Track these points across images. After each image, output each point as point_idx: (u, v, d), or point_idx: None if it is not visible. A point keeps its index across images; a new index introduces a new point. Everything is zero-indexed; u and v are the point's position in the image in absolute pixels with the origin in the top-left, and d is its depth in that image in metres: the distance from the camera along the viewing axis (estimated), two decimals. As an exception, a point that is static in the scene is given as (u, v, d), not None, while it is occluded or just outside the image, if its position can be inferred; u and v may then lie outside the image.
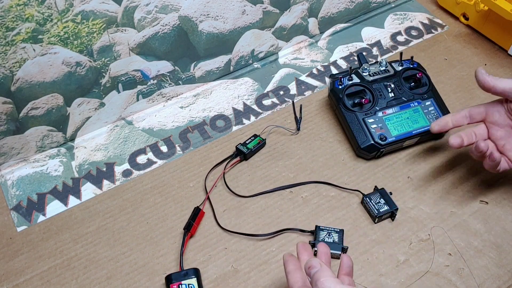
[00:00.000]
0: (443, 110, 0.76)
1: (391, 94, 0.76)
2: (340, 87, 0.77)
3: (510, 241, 0.66)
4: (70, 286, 0.64)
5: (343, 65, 0.90)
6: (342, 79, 0.78)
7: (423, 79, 0.78)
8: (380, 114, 0.75)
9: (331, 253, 0.64)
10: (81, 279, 0.64)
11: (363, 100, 0.75)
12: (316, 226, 0.66)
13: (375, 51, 0.92)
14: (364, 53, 0.85)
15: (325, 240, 0.65)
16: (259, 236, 0.67)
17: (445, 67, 0.88)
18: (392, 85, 0.77)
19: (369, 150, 0.73)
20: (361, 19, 0.98)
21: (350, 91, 0.77)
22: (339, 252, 0.64)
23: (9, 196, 0.74)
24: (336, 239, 0.65)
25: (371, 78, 0.78)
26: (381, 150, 0.73)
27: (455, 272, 0.63)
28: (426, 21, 0.97)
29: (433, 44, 0.92)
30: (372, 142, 0.73)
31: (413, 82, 0.78)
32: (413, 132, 0.74)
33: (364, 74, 0.78)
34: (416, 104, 0.76)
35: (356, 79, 0.78)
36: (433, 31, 0.95)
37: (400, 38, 0.94)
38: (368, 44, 0.93)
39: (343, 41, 0.94)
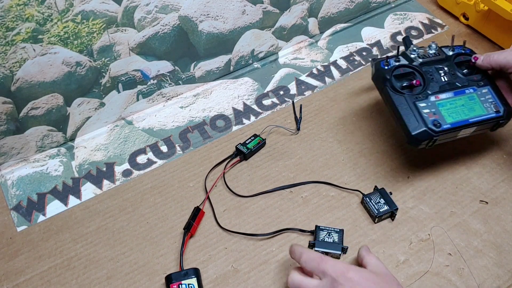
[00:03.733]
0: (502, 99, 0.69)
1: (444, 78, 0.69)
2: (386, 67, 0.70)
3: (510, 241, 0.66)
4: (70, 286, 0.64)
5: (343, 65, 0.90)
6: (389, 59, 0.71)
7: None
8: (432, 98, 0.67)
9: (331, 253, 0.64)
10: (81, 279, 0.64)
11: (414, 81, 0.67)
12: (316, 226, 0.66)
13: (375, 51, 0.92)
14: (408, 36, 0.77)
15: (325, 240, 0.65)
16: (259, 235, 0.67)
17: (445, 67, 0.88)
18: (446, 69, 0.70)
19: (421, 137, 0.65)
20: (361, 19, 0.98)
21: (398, 73, 0.69)
22: (339, 252, 0.64)
23: (9, 196, 0.74)
24: (336, 239, 0.65)
25: (420, 60, 0.70)
26: (434, 138, 0.65)
27: (455, 272, 0.63)
28: (426, 21, 0.97)
29: (433, 44, 0.92)
30: (425, 128, 0.64)
31: (466, 69, 0.71)
32: (470, 120, 0.66)
33: (412, 55, 0.71)
34: (471, 91, 0.68)
35: (404, 61, 0.71)
36: (433, 31, 0.95)
37: (400, 38, 0.94)
38: (368, 44, 0.93)
39: (343, 41, 0.94)
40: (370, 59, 0.76)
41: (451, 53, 0.72)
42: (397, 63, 0.70)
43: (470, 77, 0.70)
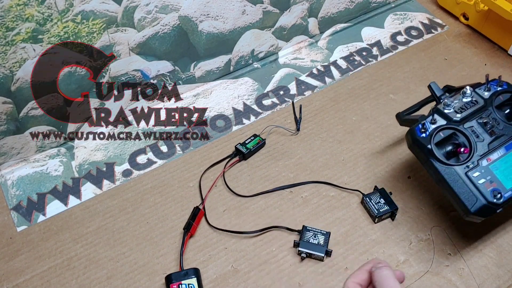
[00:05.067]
0: None
1: (490, 133, 0.61)
2: (424, 135, 0.60)
3: (510, 241, 0.66)
4: (70, 286, 0.64)
5: (343, 65, 0.90)
6: (425, 123, 0.61)
7: None
8: (484, 163, 0.59)
9: (314, 254, 0.64)
10: (81, 279, 0.64)
11: (462, 149, 0.59)
12: (303, 226, 0.66)
13: (375, 51, 0.92)
14: (435, 83, 0.67)
15: (310, 241, 0.64)
16: (245, 233, 0.67)
17: (445, 67, 0.88)
18: (489, 121, 0.61)
19: (482, 214, 0.58)
20: (361, 19, 0.98)
21: (439, 139, 0.60)
22: (323, 255, 0.64)
23: (9, 196, 0.74)
24: (322, 241, 0.65)
25: (459, 116, 0.61)
26: (497, 211, 0.58)
27: (455, 272, 0.63)
28: (426, 21, 0.97)
29: (433, 44, 0.92)
30: (485, 203, 0.57)
31: (508, 109, 0.63)
32: None
33: (447, 111, 0.62)
34: None
35: (440, 121, 0.62)
36: (433, 31, 0.95)
37: (400, 38, 0.94)
38: (368, 44, 0.93)
39: (343, 41, 0.94)
40: (396, 116, 0.69)
41: (486, 94, 0.63)
42: (434, 126, 0.61)
43: None
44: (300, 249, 0.64)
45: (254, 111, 0.83)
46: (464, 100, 0.62)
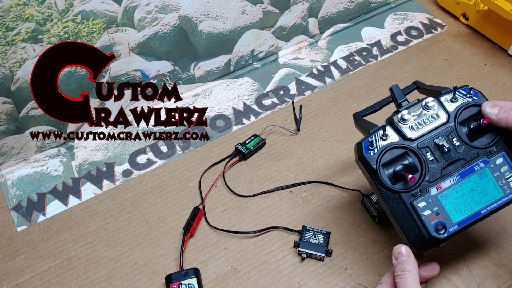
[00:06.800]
0: None
1: (446, 157, 0.54)
2: (371, 153, 0.55)
3: (510, 241, 0.66)
4: (70, 286, 0.64)
5: (343, 65, 0.90)
6: (374, 140, 0.55)
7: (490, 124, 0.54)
8: (433, 191, 0.54)
9: (314, 254, 0.64)
10: (81, 279, 0.64)
11: (409, 177, 0.52)
12: (303, 226, 0.66)
13: (375, 51, 0.92)
14: (398, 85, 0.60)
15: (310, 241, 0.64)
16: (244, 233, 0.67)
17: (445, 67, 0.88)
18: (446, 144, 0.54)
19: (422, 247, 0.54)
20: (361, 19, 0.98)
21: (388, 158, 0.55)
22: (322, 255, 0.64)
23: (9, 196, 0.74)
24: (322, 241, 0.65)
25: (415, 134, 0.55)
26: (440, 245, 0.54)
27: (455, 272, 0.63)
28: (426, 21, 0.97)
29: (433, 44, 0.92)
30: (427, 237, 0.53)
31: (474, 128, 0.55)
32: (483, 211, 0.53)
33: (403, 126, 0.55)
34: (482, 165, 0.54)
35: (393, 136, 0.55)
36: (433, 31, 0.95)
37: (400, 38, 0.94)
38: (368, 44, 0.93)
39: (343, 41, 0.94)
40: (353, 115, 0.64)
41: (452, 106, 0.56)
42: (385, 143, 0.55)
43: (480, 140, 0.55)
44: (300, 249, 0.64)
45: (254, 111, 0.83)
46: (424, 113, 0.55)
